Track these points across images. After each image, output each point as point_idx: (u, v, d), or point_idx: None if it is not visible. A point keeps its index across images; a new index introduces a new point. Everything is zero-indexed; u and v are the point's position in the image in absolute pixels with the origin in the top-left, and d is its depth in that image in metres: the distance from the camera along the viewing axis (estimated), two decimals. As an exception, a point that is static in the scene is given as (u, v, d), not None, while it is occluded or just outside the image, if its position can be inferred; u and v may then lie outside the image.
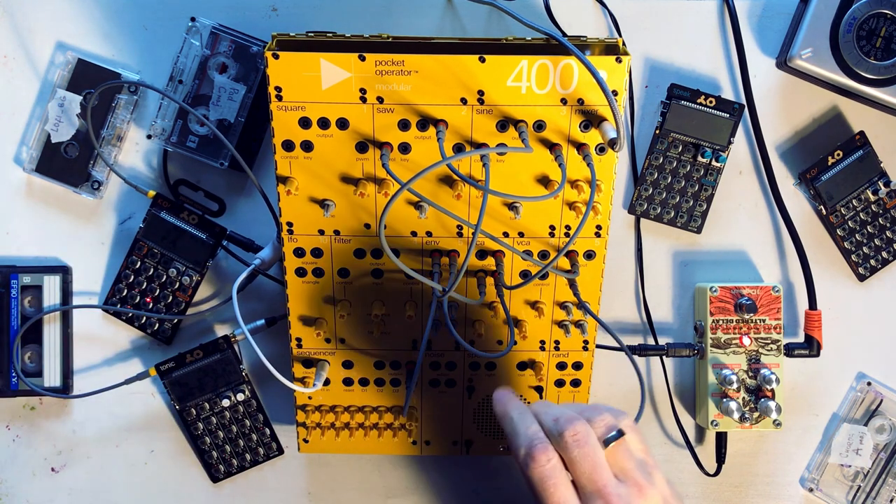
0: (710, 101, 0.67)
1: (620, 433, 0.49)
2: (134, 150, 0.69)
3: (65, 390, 0.70)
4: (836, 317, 0.71)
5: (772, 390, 0.68)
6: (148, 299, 0.69)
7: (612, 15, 0.67)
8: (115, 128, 0.68)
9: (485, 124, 0.56)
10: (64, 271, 0.69)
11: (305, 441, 0.67)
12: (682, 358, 0.71)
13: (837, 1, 0.64)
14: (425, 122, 0.56)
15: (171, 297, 0.69)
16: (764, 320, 0.68)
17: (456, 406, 0.67)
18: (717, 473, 0.71)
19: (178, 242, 0.68)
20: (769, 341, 0.68)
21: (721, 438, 0.70)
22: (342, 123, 0.56)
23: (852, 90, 0.65)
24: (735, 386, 0.67)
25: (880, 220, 0.69)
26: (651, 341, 0.71)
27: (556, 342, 0.64)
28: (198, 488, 0.72)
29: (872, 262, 0.70)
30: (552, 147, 0.57)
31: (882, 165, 0.69)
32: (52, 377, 0.70)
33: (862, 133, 0.68)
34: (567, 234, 0.60)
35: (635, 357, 0.69)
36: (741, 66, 0.68)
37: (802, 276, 0.69)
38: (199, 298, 0.70)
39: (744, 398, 0.68)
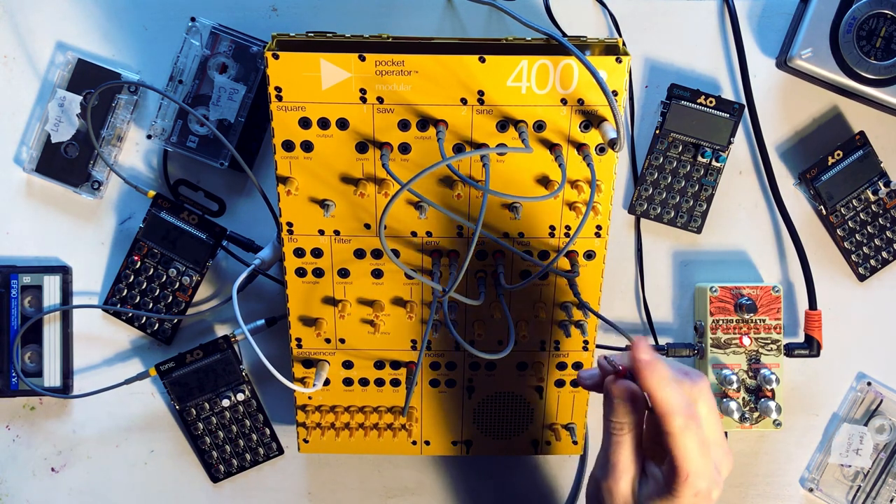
0: (710, 101, 0.67)
1: None
2: (134, 150, 0.69)
3: (65, 390, 0.70)
4: (836, 317, 0.71)
5: (772, 390, 0.68)
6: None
7: (612, 15, 0.67)
8: (115, 128, 0.68)
9: (485, 124, 0.56)
10: (64, 271, 0.69)
11: (305, 441, 0.67)
12: (682, 358, 0.71)
13: (837, 1, 0.64)
14: (425, 122, 0.56)
15: (171, 297, 0.69)
16: (764, 320, 0.68)
17: (456, 406, 0.67)
18: (717, 473, 0.71)
19: (178, 242, 0.68)
20: (769, 341, 0.68)
21: (721, 438, 0.71)
22: (342, 123, 0.56)
23: (852, 90, 0.65)
24: (735, 386, 0.67)
25: (880, 220, 0.69)
26: (651, 341, 0.71)
27: (556, 342, 0.64)
28: (198, 488, 0.72)
29: (872, 262, 0.70)
30: (552, 147, 0.57)
31: (882, 165, 0.69)
32: (52, 377, 0.70)
33: (862, 133, 0.68)
34: (567, 234, 0.60)
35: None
36: (741, 66, 0.68)
37: (802, 276, 0.69)
38: (199, 298, 0.70)
39: (744, 398, 0.68)
